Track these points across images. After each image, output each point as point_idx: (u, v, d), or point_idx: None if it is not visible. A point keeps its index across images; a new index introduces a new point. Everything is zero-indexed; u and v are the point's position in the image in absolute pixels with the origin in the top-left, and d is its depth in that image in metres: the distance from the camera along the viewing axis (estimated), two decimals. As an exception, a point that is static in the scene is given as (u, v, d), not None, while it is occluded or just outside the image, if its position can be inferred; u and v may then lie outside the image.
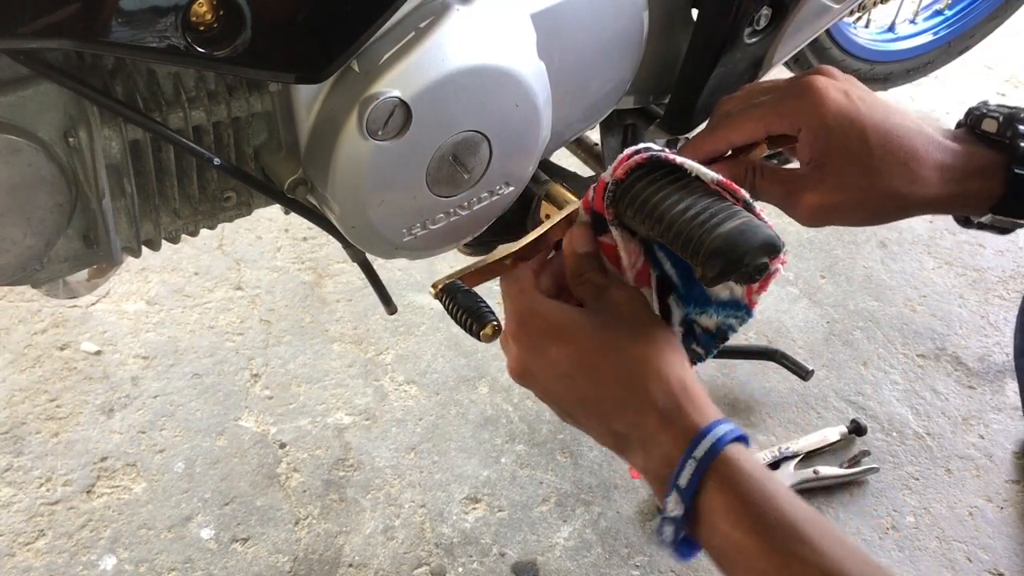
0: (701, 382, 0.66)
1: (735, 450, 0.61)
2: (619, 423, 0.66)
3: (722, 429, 0.61)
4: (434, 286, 0.70)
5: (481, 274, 0.79)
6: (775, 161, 1.10)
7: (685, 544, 0.63)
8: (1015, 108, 0.78)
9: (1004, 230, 0.81)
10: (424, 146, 0.80)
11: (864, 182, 0.76)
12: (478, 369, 1.46)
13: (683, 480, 0.60)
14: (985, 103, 0.79)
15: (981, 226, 0.82)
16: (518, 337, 0.69)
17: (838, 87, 0.77)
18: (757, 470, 0.60)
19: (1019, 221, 0.79)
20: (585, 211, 0.80)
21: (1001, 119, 0.77)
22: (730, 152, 0.84)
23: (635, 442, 0.65)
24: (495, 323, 0.68)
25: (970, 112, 0.79)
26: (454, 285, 0.70)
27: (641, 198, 0.74)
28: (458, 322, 0.69)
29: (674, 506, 0.61)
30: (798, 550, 0.57)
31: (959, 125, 0.81)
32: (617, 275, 0.80)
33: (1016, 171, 0.76)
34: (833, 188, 0.77)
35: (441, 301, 0.70)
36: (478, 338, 0.69)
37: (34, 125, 0.72)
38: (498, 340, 0.72)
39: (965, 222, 0.84)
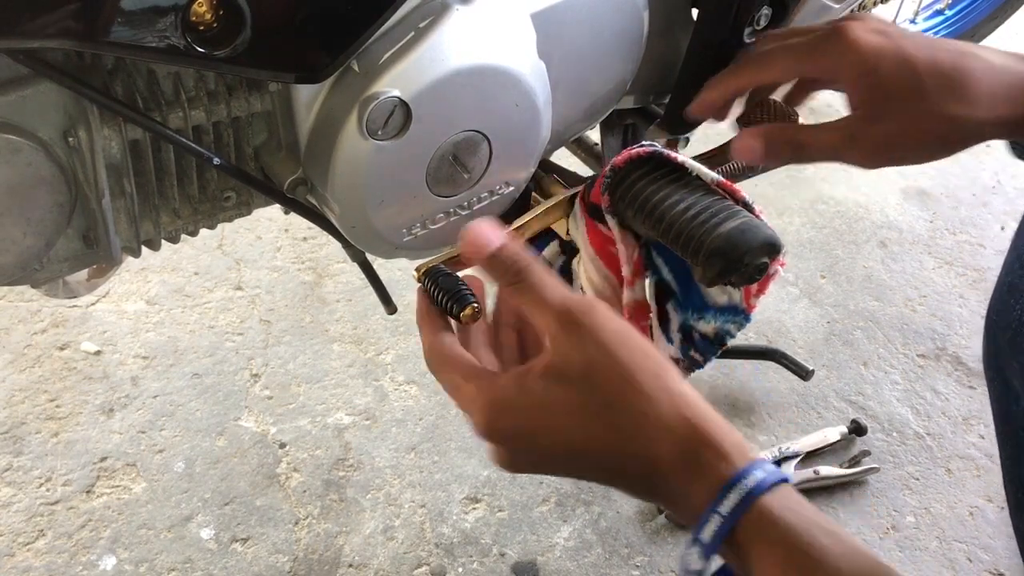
0: (715, 416, 0.58)
1: (773, 500, 0.54)
2: (643, 486, 0.58)
3: (754, 478, 0.54)
4: (417, 270, 0.70)
5: (462, 263, 0.79)
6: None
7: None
8: None
9: None
10: (424, 146, 0.80)
11: (921, 107, 0.74)
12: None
13: (706, 535, 0.54)
14: None
15: None
16: (494, 437, 0.60)
17: (875, 28, 0.75)
18: (802, 521, 0.53)
19: None
20: (580, 203, 0.80)
21: None
22: (727, 144, 0.83)
23: (668, 500, 0.58)
24: (475, 305, 0.67)
25: None
26: (436, 269, 0.70)
27: (641, 197, 0.74)
28: (439, 305, 0.69)
29: (695, 560, 0.55)
30: None
31: None
32: (609, 276, 0.80)
33: None
34: (890, 121, 0.75)
35: (423, 284, 0.70)
36: (459, 320, 0.68)
37: (34, 125, 0.72)
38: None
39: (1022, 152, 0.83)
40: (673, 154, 0.75)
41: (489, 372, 0.61)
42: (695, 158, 0.98)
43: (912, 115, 0.74)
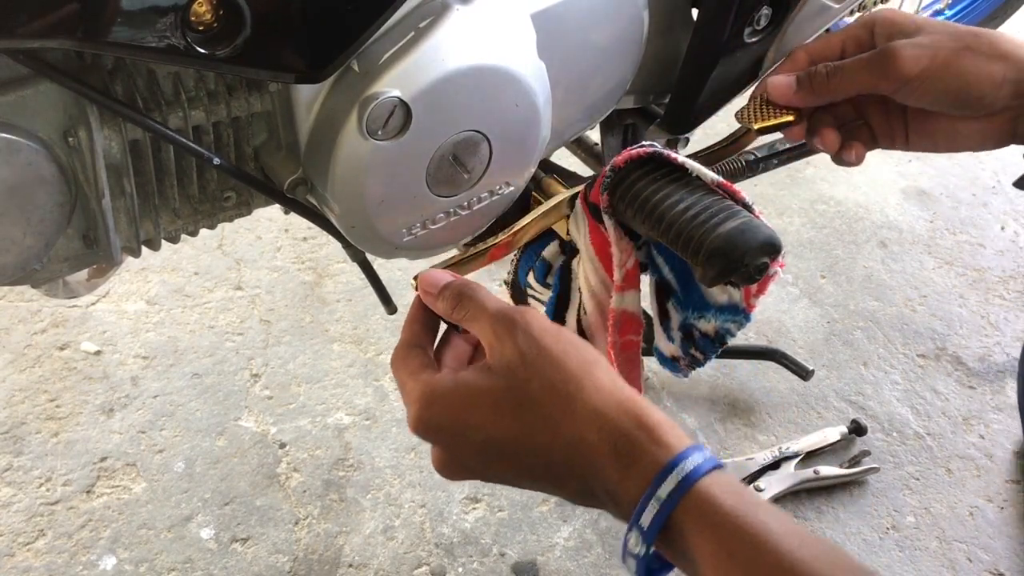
0: (648, 403, 0.57)
1: (712, 483, 0.53)
2: (577, 485, 0.57)
3: (692, 462, 0.53)
4: (415, 278, 0.70)
5: (464, 265, 0.79)
6: (773, 152, 1.11)
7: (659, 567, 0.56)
8: None
9: None
10: (424, 146, 0.79)
11: (956, 43, 0.76)
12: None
13: (644, 521, 0.53)
14: None
15: None
16: (425, 429, 0.60)
17: (918, 43, 0.77)
18: (743, 504, 0.52)
19: None
20: (581, 203, 0.80)
21: None
22: (725, 140, 0.83)
23: (605, 497, 0.56)
24: None
25: None
26: None
27: (641, 197, 0.74)
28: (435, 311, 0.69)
29: (636, 544, 0.54)
30: None
31: None
32: (601, 275, 0.80)
33: None
34: (927, 47, 0.76)
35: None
36: (456, 329, 0.68)
37: (34, 125, 0.72)
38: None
39: None
40: (673, 154, 0.75)
41: (431, 372, 0.62)
42: (694, 157, 0.99)
43: (947, 46, 0.76)
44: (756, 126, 0.83)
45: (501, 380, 0.58)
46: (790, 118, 0.82)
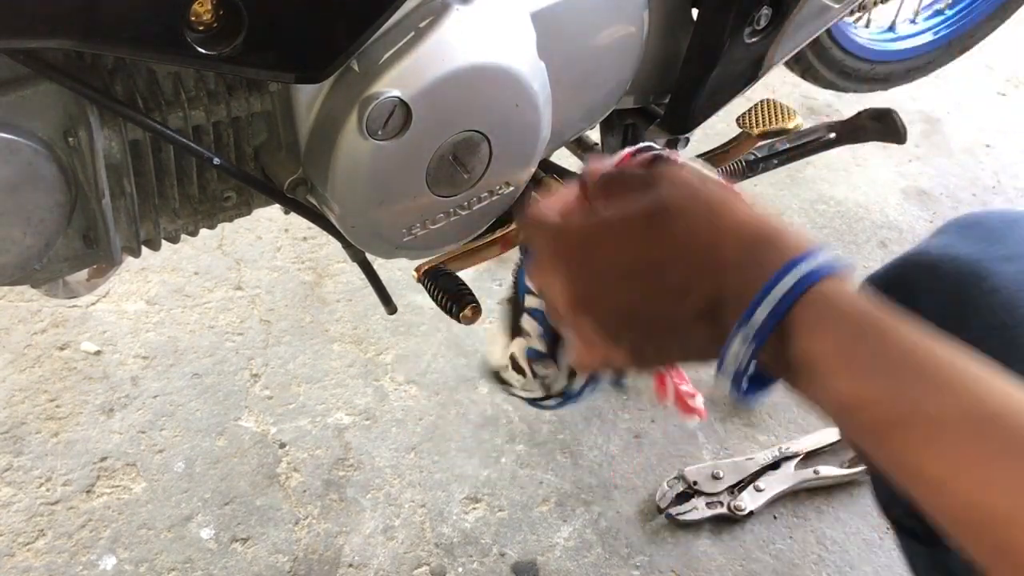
0: (785, 223, 0.55)
1: (834, 285, 0.50)
2: (699, 297, 0.54)
3: (814, 261, 0.51)
4: (417, 270, 0.70)
5: (465, 258, 0.79)
6: (773, 152, 1.11)
7: (753, 385, 0.54)
8: None
9: None
10: (424, 146, 0.80)
11: None
12: (478, 369, 1.46)
13: (757, 318, 0.50)
14: None
15: None
16: (556, 263, 0.59)
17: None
18: (864, 303, 0.50)
19: None
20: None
21: None
22: (725, 144, 0.83)
23: (727, 309, 0.53)
24: (474, 304, 0.67)
25: None
26: (437, 269, 0.70)
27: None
28: (439, 304, 0.69)
29: (740, 346, 0.52)
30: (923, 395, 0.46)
31: None
32: None
33: None
34: None
35: (423, 284, 0.70)
36: (458, 320, 0.68)
37: (34, 125, 0.72)
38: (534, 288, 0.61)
39: None
40: (673, 156, 0.75)
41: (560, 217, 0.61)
42: (696, 158, 0.99)
43: None
44: (756, 131, 0.83)
45: (638, 209, 0.57)
46: (791, 125, 0.82)
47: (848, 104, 1.96)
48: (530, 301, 0.90)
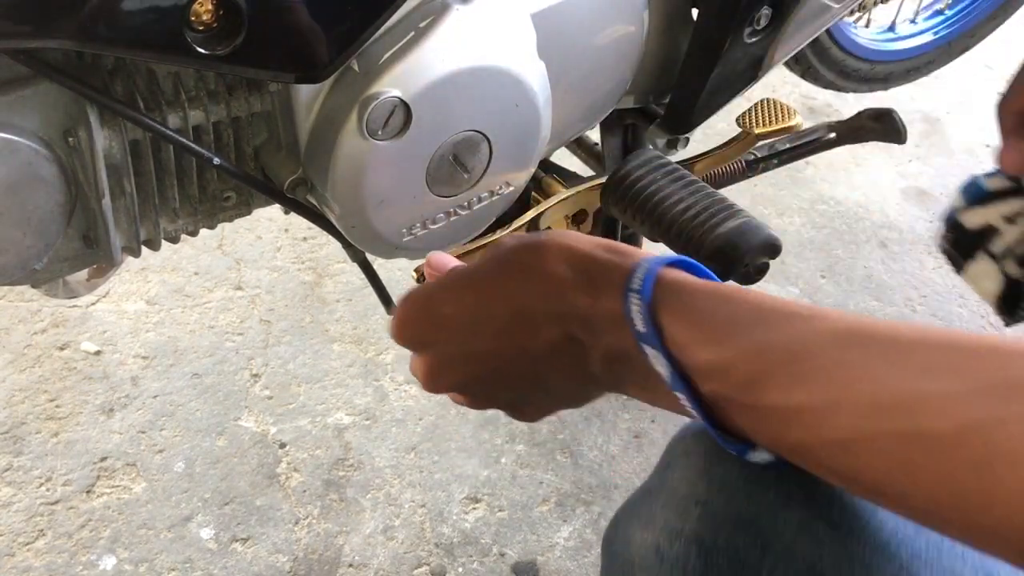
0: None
1: (675, 272, 0.52)
2: (549, 327, 0.53)
3: (652, 259, 0.52)
4: (417, 270, 0.70)
5: (465, 259, 0.80)
6: (773, 152, 1.11)
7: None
8: None
9: None
10: (424, 146, 0.80)
11: None
12: (478, 369, 1.46)
13: (634, 318, 0.50)
14: None
15: None
16: (406, 333, 0.59)
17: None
18: (708, 283, 0.51)
19: None
20: None
21: None
22: (724, 144, 0.83)
23: (580, 331, 0.52)
24: None
25: None
26: None
27: (641, 197, 0.75)
28: None
29: (640, 323, 0.50)
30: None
31: None
32: None
33: None
34: None
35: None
36: None
37: (34, 125, 0.72)
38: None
39: None
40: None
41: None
42: (694, 159, 0.99)
43: None
44: (756, 131, 0.83)
45: (475, 264, 0.57)
46: (791, 124, 0.82)
47: (848, 104, 1.97)
48: None
